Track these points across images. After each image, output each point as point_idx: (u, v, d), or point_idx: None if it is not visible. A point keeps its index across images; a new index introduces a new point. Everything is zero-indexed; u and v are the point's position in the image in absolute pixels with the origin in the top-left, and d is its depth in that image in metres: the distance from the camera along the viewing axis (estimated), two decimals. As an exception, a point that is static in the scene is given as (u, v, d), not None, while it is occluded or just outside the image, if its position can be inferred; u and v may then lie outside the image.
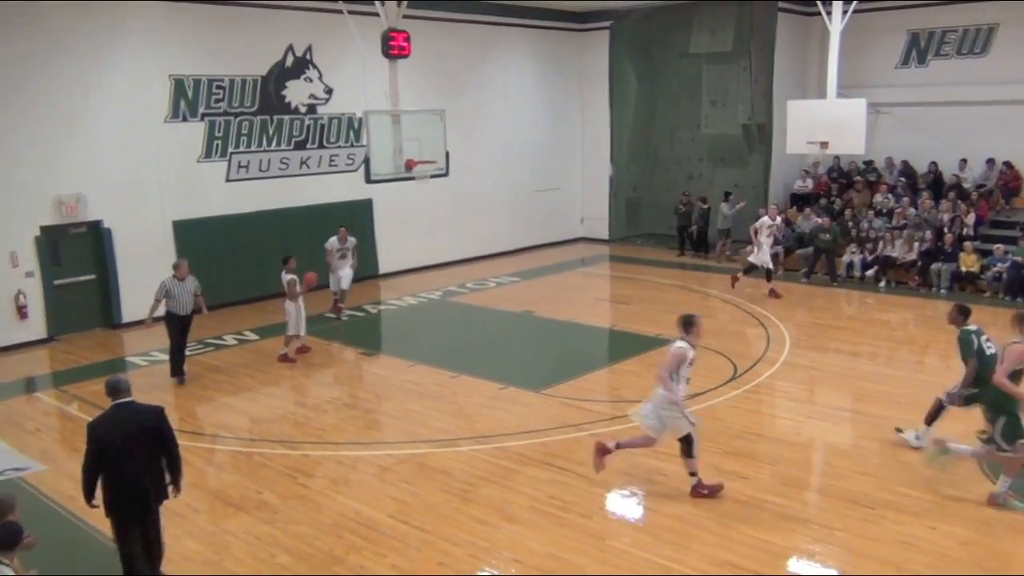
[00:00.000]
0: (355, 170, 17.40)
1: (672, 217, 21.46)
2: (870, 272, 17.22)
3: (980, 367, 8.00)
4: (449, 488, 8.12)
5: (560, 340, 14.13)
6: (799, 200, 20.16)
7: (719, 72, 21.78)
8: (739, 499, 7.77)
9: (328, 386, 11.71)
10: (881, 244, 17.35)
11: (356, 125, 17.35)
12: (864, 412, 10.16)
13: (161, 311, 11.42)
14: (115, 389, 6.05)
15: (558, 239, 22.59)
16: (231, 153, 15.76)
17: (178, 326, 11.34)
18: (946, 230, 16.87)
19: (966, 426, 8.47)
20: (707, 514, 7.46)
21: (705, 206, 20.43)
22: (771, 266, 16.19)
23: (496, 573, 6.63)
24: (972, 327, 8.33)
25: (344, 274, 14.70)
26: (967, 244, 16.35)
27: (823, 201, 19.43)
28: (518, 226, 21.28)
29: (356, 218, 17.42)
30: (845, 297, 16.42)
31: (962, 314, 8.50)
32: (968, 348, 8.22)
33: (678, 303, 16.00)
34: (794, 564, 6.75)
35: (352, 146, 17.48)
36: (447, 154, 19.07)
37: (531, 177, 21.37)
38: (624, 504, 7.87)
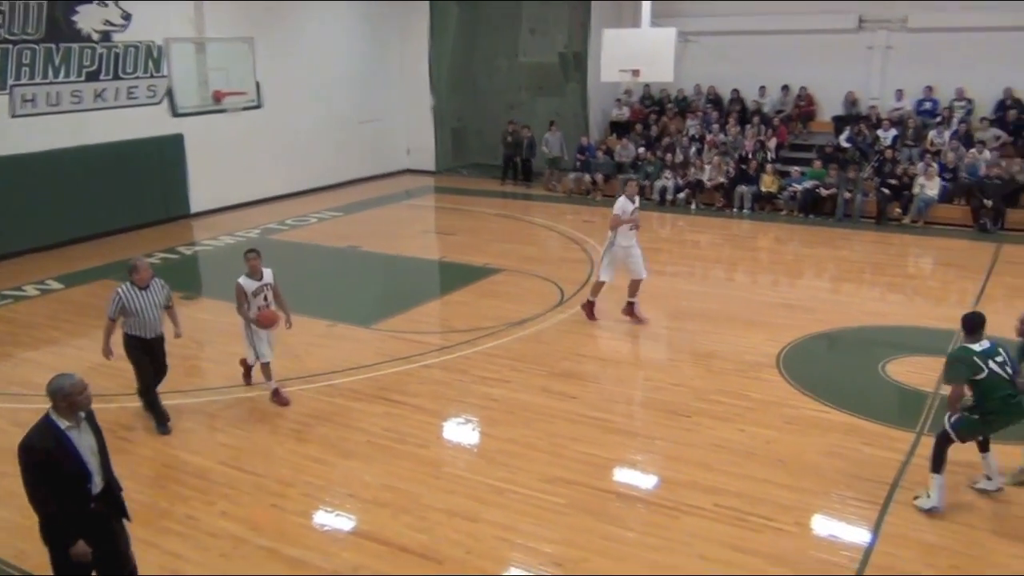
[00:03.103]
0: (157, 103, 16.21)
1: (498, 147, 21.57)
2: (681, 195, 18.11)
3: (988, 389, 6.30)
4: (281, 430, 7.95)
5: (388, 274, 14.02)
6: (617, 128, 20.79)
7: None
8: (569, 418, 8.10)
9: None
10: (692, 169, 18.23)
11: (156, 54, 16.09)
12: (680, 328, 10.80)
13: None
14: None
15: (383, 171, 22.18)
16: (12, 86, 14.23)
17: (145, 354, 7.93)
18: (750, 155, 17.95)
19: None
20: (538, 435, 7.73)
21: (529, 134, 20.65)
22: (643, 275, 10.97)
23: (331, 509, 6.61)
24: (977, 346, 6.39)
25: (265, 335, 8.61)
26: (768, 167, 17.50)
27: (639, 128, 20.16)
28: (340, 159, 20.66)
29: (164, 155, 16.35)
30: (660, 220, 17.21)
31: (968, 325, 6.53)
32: (955, 371, 6.43)
33: (504, 232, 16.26)
34: (619, 473, 7.14)
35: (152, 76, 16.21)
36: (258, 85, 18.30)
37: (352, 108, 20.75)
38: (458, 431, 8.01)
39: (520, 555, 5.99)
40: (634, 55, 15.99)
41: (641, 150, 19.22)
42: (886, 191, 16.34)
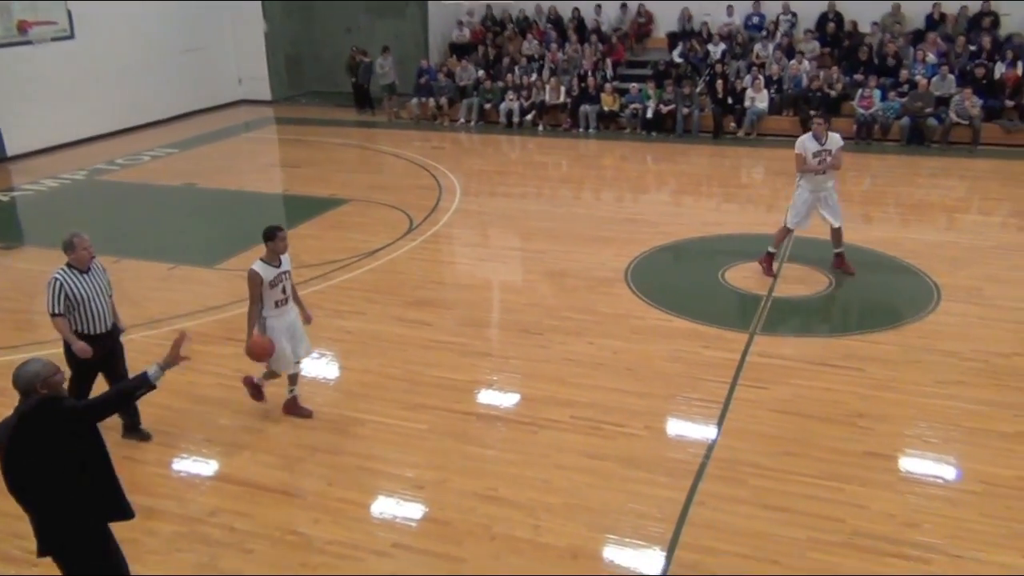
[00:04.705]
0: (-48, 35, 14.67)
1: (338, 73, 20.81)
2: (528, 117, 18.17)
3: None
4: (124, 380, 7.59)
5: (230, 211, 13.44)
6: (458, 50, 20.49)
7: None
8: (425, 345, 8.14)
9: (-40, 290, 10.20)
10: (535, 90, 18.28)
11: (-56, -21, 14.48)
12: (530, 248, 10.98)
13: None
14: None
15: (214, 103, 21.00)
16: None
17: (98, 356, 6.27)
18: (589, 73, 18.16)
19: None
20: (395, 364, 7.74)
21: (366, 59, 20.02)
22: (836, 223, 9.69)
23: (187, 456, 6.43)
24: None
25: (287, 324, 6.79)
26: (607, 86, 17.78)
27: (481, 49, 19.96)
28: (166, 92, 19.32)
29: (-35, 93, 14.89)
30: (507, 143, 17.28)
31: None
32: None
33: (350, 162, 15.88)
34: (477, 395, 7.28)
35: (-57, 5, 14.61)
36: (69, 13, 16.81)
37: (174, 36, 19.39)
38: (314, 367, 7.90)
39: (383, 482, 6.05)
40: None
41: (481, 73, 19.06)
42: (719, 107, 16.98)
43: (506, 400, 7.22)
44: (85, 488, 4.12)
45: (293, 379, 6.91)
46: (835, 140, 9.20)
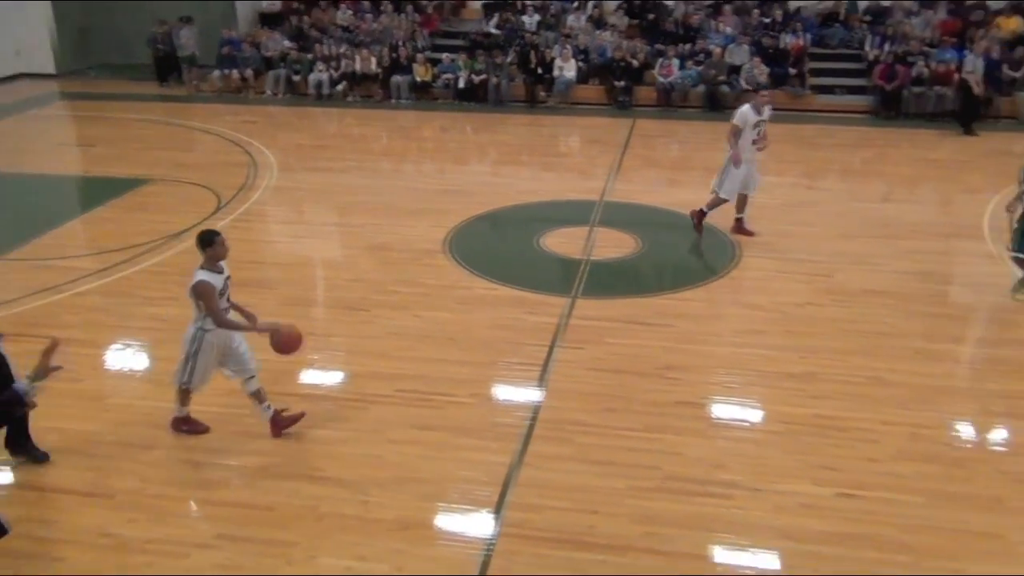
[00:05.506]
0: None
1: (133, 44, 19.42)
2: (339, 88, 17.75)
3: None
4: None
5: (17, 196, 12.25)
6: (268, 20, 19.67)
7: None
8: None
9: None
10: (345, 61, 17.86)
11: None
12: (350, 223, 10.80)
13: None
14: None
15: (-11, 77, 19.09)
16: None
17: None
18: (401, 43, 17.95)
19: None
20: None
21: (167, 29, 18.78)
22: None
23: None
24: None
25: (223, 340, 6.08)
26: (419, 56, 17.67)
27: (293, 19, 19.27)
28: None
29: None
30: (322, 115, 16.83)
31: None
32: None
33: (152, 139, 14.93)
34: (301, 376, 7.09)
35: None
36: None
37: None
38: (121, 358, 7.45)
39: (203, 473, 5.81)
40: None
41: (286, 43, 18.40)
42: (531, 77, 17.28)
43: (331, 379, 7.10)
44: None
45: (259, 395, 6.13)
46: (768, 112, 9.71)
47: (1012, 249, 8.50)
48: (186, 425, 6.23)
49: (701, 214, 10.04)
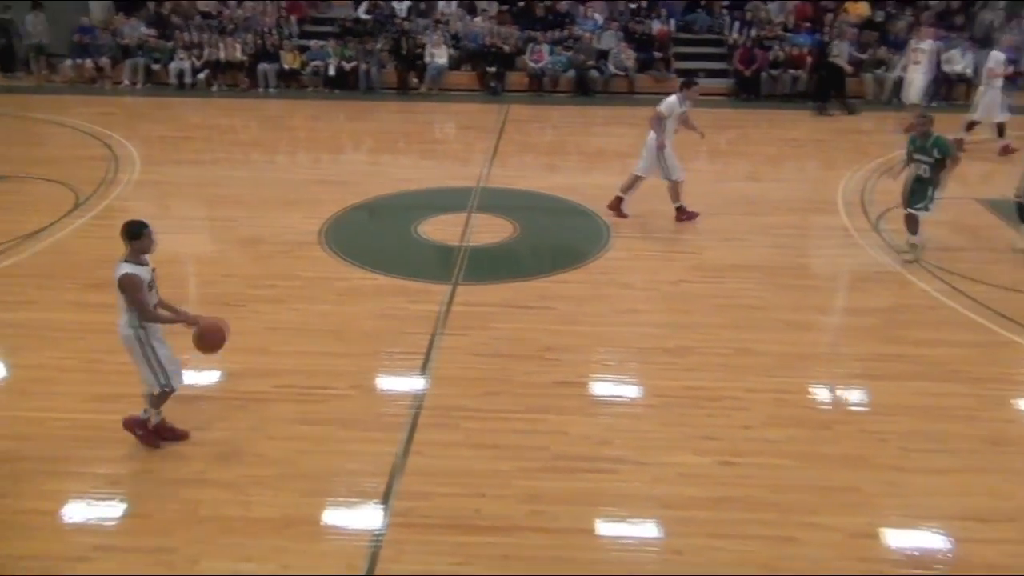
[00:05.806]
0: None
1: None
2: (201, 76, 17.09)
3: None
4: None
5: None
6: (125, 6, 18.70)
7: None
8: (105, 330, 7.22)
9: None
10: (208, 49, 17.20)
11: None
12: (219, 217, 10.45)
13: None
14: None
15: None
16: None
17: None
18: (268, 30, 17.44)
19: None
20: (71, 355, 7.05)
21: (8, 16, 17.58)
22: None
23: None
24: None
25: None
26: (287, 43, 17.22)
27: (152, 5, 18.39)
28: None
29: None
30: (184, 106, 16.17)
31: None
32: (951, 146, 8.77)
33: (-2, 133, 13.99)
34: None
35: None
36: None
37: None
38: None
39: (73, 484, 5.50)
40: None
41: (144, 29, 17.56)
42: (402, 63, 17.12)
43: (205, 378, 6.84)
44: None
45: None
46: (689, 104, 10.02)
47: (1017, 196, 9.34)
48: (169, 433, 5.93)
49: (679, 210, 10.21)
